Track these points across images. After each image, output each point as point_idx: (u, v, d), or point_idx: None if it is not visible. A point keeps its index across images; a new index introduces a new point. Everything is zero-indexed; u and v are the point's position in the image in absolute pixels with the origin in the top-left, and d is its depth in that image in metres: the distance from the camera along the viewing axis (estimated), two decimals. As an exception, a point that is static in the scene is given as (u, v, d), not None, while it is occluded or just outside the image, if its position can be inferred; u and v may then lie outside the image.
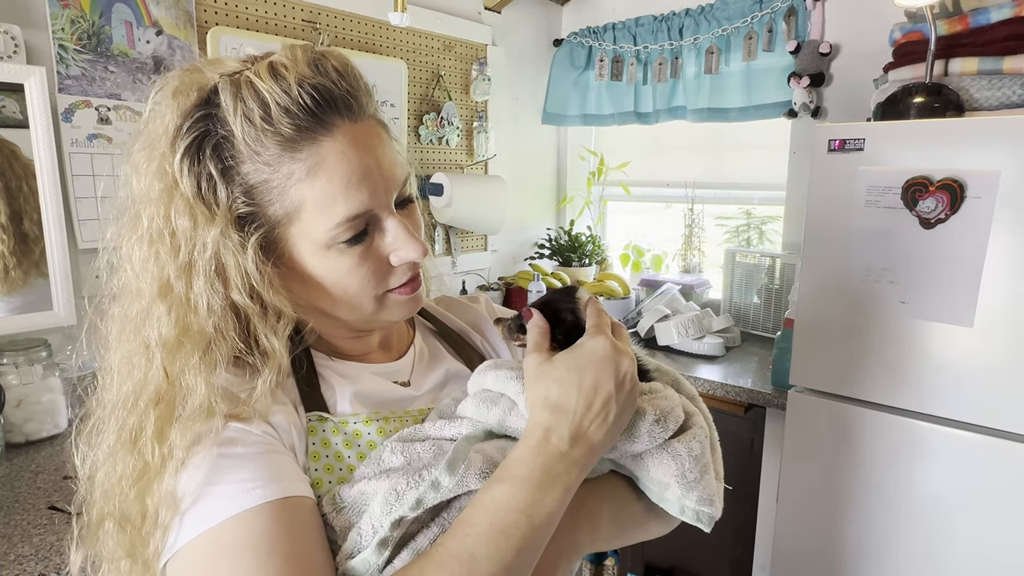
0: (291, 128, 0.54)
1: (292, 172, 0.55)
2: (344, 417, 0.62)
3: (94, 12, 1.46)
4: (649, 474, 0.61)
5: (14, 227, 1.37)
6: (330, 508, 0.56)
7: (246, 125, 0.54)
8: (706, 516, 0.60)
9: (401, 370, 0.71)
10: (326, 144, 0.55)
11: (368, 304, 0.61)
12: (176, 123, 0.55)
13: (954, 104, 1.43)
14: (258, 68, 0.55)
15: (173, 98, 0.56)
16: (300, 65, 0.55)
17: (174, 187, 0.54)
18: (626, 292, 2.46)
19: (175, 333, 0.54)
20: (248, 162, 0.55)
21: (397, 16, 1.92)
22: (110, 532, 0.54)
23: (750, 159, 2.42)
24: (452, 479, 0.53)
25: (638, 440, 0.59)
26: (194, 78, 0.56)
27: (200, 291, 0.54)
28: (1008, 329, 1.28)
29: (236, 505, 0.50)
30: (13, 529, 1.04)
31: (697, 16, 2.29)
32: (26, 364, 1.36)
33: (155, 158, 0.55)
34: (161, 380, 0.54)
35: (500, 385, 0.62)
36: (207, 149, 0.55)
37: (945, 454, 1.38)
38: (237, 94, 0.54)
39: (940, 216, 1.32)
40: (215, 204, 0.55)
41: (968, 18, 1.46)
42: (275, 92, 0.54)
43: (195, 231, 0.54)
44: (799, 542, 1.62)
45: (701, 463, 0.61)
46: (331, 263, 0.58)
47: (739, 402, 1.81)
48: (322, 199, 0.55)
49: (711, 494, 0.61)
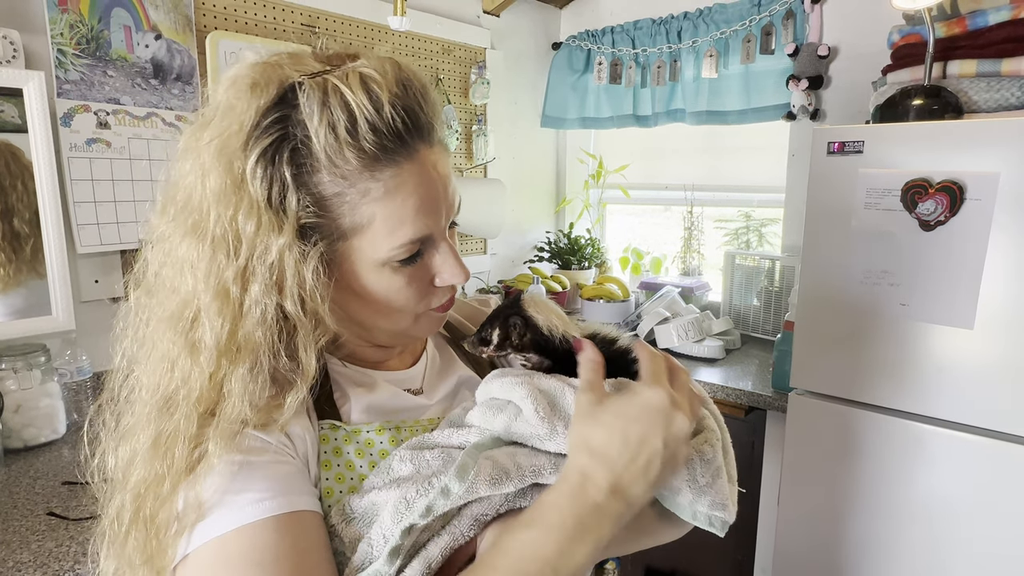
0: (375, 147, 0.53)
1: (368, 190, 0.54)
2: (356, 426, 0.61)
3: (93, 16, 1.46)
4: None
5: (4, 224, 1.37)
6: (339, 519, 0.56)
7: (329, 135, 0.52)
8: (719, 521, 0.59)
9: (414, 377, 0.71)
10: (406, 168, 0.55)
11: (406, 320, 0.62)
12: (252, 121, 0.52)
13: (953, 106, 1.43)
14: (347, 75, 0.53)
15: (251, 92, 0.53)
16: (390, 82, 0.54)
17: (242, 188, 0.52)
18: (625, 295, 2.46)
19: (225, 338, 0.52)
20: (324, 172, 0.53)
21: (396, 20, 1.92)
22: (134, 536, 0.53)
23: (749, 162, 2.42)
24: (462, 486, 0.53)
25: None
26: (274, 73, 0.54)
27: (256, 298, 0.53)
28: (1009, 331, 1.28)
29: (243, 517, 0.50)
30: (12, 535, 1.03)
31: (695, 19, 2.29)
32: (25, 369, 1.36)
33: (225, 154, 0.52)
34: (205, 384, 0.52)
35: (506, 392, 0.61)
36: (284, 154, 0.52)
37: (946, 456, 1.38)
38: (324, 100, 0.52)
39: (940, 218, 1.32)
40: (283, 211, 0.53)
41: (966, 20, 1.46)
42: (365, 107, 0.52)
43: (258, 236, 0.52)
44: (800, 545, 1.62)
45: (713, 467, 0.59)
46: (384, 280, 0.58)
47: (739, 405, 1.81)
48: (392, 219, 0.55)
49: (724, 498, 0.59)
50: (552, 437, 0.57)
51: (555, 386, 0.60)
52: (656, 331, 2.13)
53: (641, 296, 2.48)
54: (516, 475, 0.56)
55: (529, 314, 0.66)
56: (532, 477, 0.56)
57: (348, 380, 0.65)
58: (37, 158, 1.38)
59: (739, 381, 1.86)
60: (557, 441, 0.57)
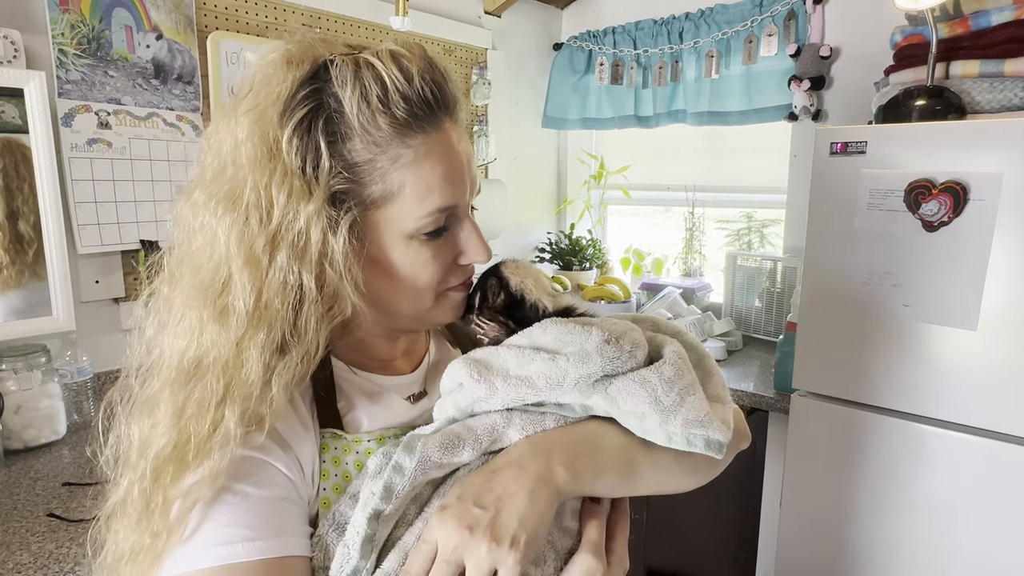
0: (406, 114, 0.55)
1: (399, 156, 0.56)
2: (357, 435, 0.61)
3: (94, 17, 1.46)
4: (620, 407, 0.57)
5: (10, 225, 1.37)
6: (330, 527, 0.56)
7: (362, 103, 0.54)
8: (700, 439, 0.56)
9: (417, 381, 0.71)
10: (434, 136, 0.57)
11: (428, 299, 0.62)
12: (289, 91, 0.54)
13: (956, 107, 1.43)
14: (377, 52, 0.56)
15: (287, 66, 0.55)
16: (418, 58, 0.57)
17: (276, 156, 0.53)
18: (627, 296, 2.45)
19: (251, 305, 0.53)
20: (357, 139, 0.55)
21: (398, 20, 1.92)
22: (152, 505, 0.52)
23: (750, 162, 2.42)
24: (412, 458, 0.53)
25: (590, 360, 0.56)
26: (308, 50, 0.57)
27: (280, 265, 0.53)
28: (1012, 332, 1.28)
29: (228, 555, 0.49)
30: (12, 537, 1.03)
31: (697, 20, 2.29)
32: (25, 370, 1.35)
33: (261, 124, 0.54)
34: (232, 351, 0.53)
35: (451, 376, 0.61)
36: (318, 123, 0.54)
37: (949, 458, 1.38)
38: (357, 72, 0.55)
39: (943, 219, 1.32)
40: (316, 178, 0.54)
41: (969, 21, 1.46)
42: (396, 77, 0.55)
43: (289, 203, 0.53)
44: (802, 546, 1.61)
45: (679, 385, 0.57)
46: (410, 253, 0.59)
47: (741, 406, 1.81)
48: (421, 187, 0.57)
49: (700, 416, 0.56)
50: (492, 394, 0.57)
51: (488, 351, 0.61)
52: (657, 332, 2.12)
53: (642, 297, 2.47)
54: (470, 437, 0.55)
55: (504, 275, 0.66)
56: (488, 435, 0.56)
57: (355, 388, 0.65)
58: (38, 158, 1.38)
59: (741, 382, 1.86)
60: (499, 396, 0.57)
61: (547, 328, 0.60)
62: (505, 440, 0.57)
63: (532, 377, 0.57)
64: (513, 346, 0.60)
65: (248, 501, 0.52)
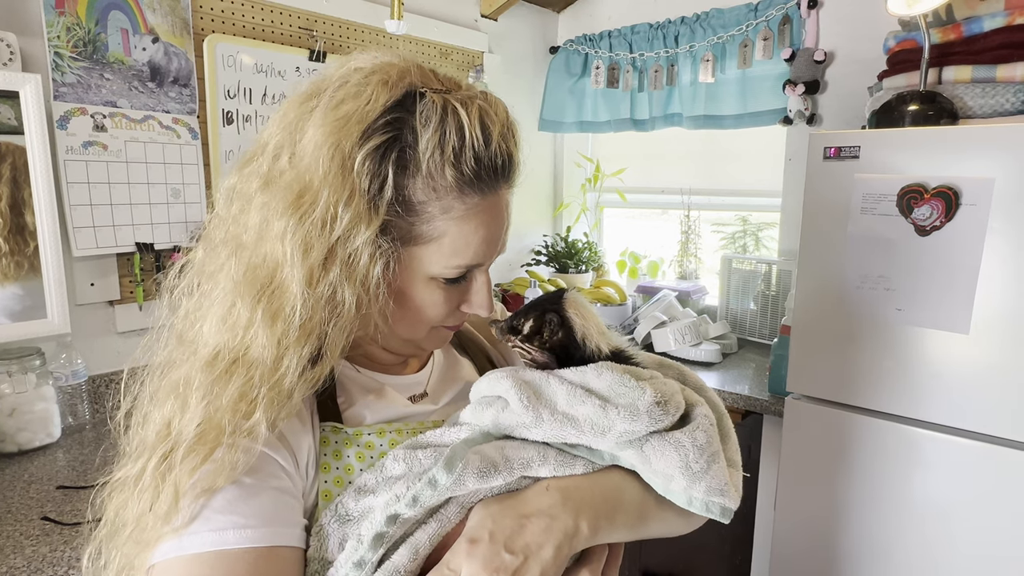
0: (472, 173, 0.57)
1: (451, 207, 0.57)
2: (358, 428, 0.62)
3: (90, 19, 1.46)
4: (652, 466, 0.59)
5: (12, 215, 1.37)
6: (332, 519, 0.56)
7: (437, 149, 0.55)
8: (717, 507, 0.58)
9: (420, 382, 0.72)
10: (489, 200, 0.60)
11: (423, 331, 0.65)
12: (375, 113, 0.55)
13: (948, 112, 1.44)
14: (466, 101, 0.57)
15: (381, 87, 0.56)
16: (502, 122, 0.59)
17: (348, 172, 0.54)
18: (623, 299, 2.46)
19: (301, 315, 0.54)
20: (420, 179, 0.56)
21: (394, 24, 1.92)
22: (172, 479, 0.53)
23: (746, 166, 2.43)
24: (449, 477, 0.53)
25: (638, 419, 0.57)
26: (405, 75, 0.57)
27: (331, 280, 0.55)
28: (1004, 336, 1.29)
29: (220, 541, 0.50)
30: (5, 540, 1.03)
31: (692, 24, 2.30)
32: (19, 373, 1.35)
33: (341, 135, 0.54)
34: (273, 354, 0.54)
35: (492, 387, 0.62)
36: (392, 152, 0.55)
37: (942, 461, 1.38)
38: (443, 116, 0.56)
39: (935, 223, 1.32)
40: (376, 205, 0.55)
41: (961, 27, 1.47)
42: (476, 134, 0.56)
43: (351, 222, 0.54)
44: (797, 549, 1.62)
45: (708, 452, 0.59)
46: (426, 292, 0.61)
47: (736, 409, 1.81)
48: (460, 241, 0.59)
49: (722, 484, 0.58)
50: (538, 424, 0.58)
51: (538, 376, 0.61)
52: (653, 335, 2.13)
53: (638, 300, 2.48)
54: (504, 468, 0.56)
55: (568, 315, 0.66)
56: (520, 470, 0.57)
57: (356, 384, 0.66)
58: (33, 161, 1.38)
59: (736, 385, 1.87)
60: (543, 428, 0.58)
61: (602, 373, 0.60)
62: (532, 473, 0.58)
63: (579, 419, 0.58)
64: (565, 380, 0.61)
65: (243, 490, 0.52)
